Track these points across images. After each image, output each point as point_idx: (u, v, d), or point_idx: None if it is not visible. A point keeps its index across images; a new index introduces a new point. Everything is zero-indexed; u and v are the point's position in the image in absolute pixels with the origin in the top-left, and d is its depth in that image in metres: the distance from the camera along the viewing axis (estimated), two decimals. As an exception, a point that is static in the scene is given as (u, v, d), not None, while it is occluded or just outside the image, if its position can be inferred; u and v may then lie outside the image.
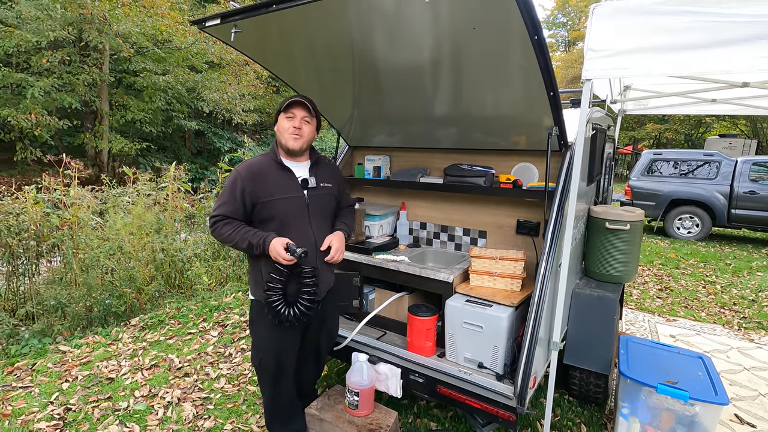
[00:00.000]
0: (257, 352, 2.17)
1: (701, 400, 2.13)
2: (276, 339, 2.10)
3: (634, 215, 2.79)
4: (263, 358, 2.15)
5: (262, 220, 2.03)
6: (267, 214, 2.01)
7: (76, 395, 2.82)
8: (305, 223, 2.06)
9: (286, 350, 2.14)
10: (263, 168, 2.04)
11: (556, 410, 2.76)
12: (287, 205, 2.02)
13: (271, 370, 2.15)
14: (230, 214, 1.99)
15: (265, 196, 1.99)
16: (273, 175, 2.03)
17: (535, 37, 1.67)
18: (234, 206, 1.98)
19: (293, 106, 2.03)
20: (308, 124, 2.07)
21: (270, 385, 2.20)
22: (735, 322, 4.40)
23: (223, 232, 1.98)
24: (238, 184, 1.98)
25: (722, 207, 8.16)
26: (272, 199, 2.00)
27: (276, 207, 2.00)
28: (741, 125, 21.63)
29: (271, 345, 2.11)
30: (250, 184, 1.98)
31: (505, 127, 2.57)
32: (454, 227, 3.04)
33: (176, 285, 4.79)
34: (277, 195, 2.00)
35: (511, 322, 2.20)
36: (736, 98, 3.60)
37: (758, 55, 1.52)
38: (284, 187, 2.03)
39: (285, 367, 2.17)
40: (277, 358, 2.13)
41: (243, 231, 1.97)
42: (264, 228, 2.02)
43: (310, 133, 2.09)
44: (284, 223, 2.01)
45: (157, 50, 11.42)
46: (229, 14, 2.03)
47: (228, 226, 1.98)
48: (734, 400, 2.95)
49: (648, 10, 1.70)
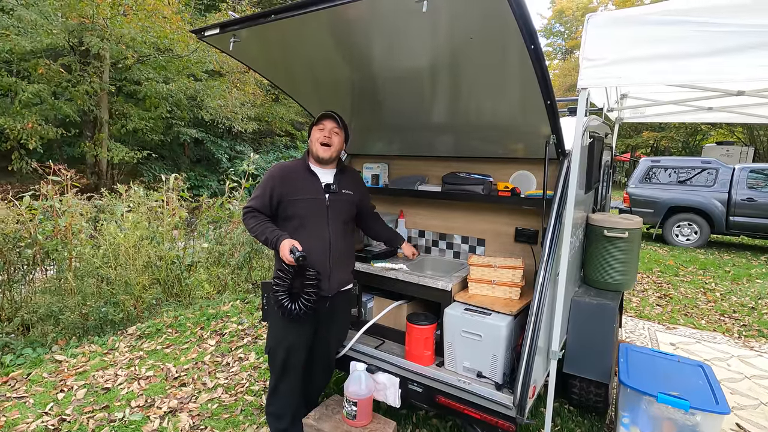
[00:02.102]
0: (269, 341, 2.32)
1: (702, 409, 2.11)
2: (287, 331, 2.22)
3: (632, 223, 2.79)
4: (272, 347, 2.29)
5: (286, 218, 2.21)
6: (290, 212, 2.19)
7: (71, 405, 2.79)
8: (323, 224, 2.21)
9: (295, 343, 2.24)
10: (293, 170, 2.27)
11: (556, 420, 2.73)
12: (308, 205, 2.20)
13: (279, 360, 2.26)
14: (258, 207, 2.20)
15: (290, 195, 2.19)
16: (300, 177, 2.24)
17: (531, 46, 1.68)
18: (263, 201, 2.19)
19: (323, 119, 2.26)
20: (337, 135, 2.27)
21: (277, 374, 2.30)
22: (735, 330, 4.38)
23: (249, 223, 2.20)
24: (269, 182, 2.21)
25: (720, 214, 8.17)
26: (296, 199, 2.19)
27: (298, 206, 2.19)
28: (738, 133, 21.73)
29: (283, 336, 2.24)
30: (279, 183, 2.20)
31: (502, 136, 2.58)
32: (452, 235, 3.03)
33: (174, 293, 4.77)
34: (300, 195, 2.20)
35: (510, 330, 2.18)
36: (732, 106, 3.62)
37: (752, 64, 1.53)
38: (308, 189, 2.22)
39: (293, 360, 2.27)
40: (286, 349, 2.24)
41: (264, 226, 2.15)
42: (285, 225, 2.21)
43: (338, 143, 2.28)
44: (303, 223, 2.19)
45: (158, 57, 11.49)
46: (228, 24, 2.04)
47: (254, 219, 2.19)
48: (735, 409, 2.93)
49: (642, 20, 1.72)
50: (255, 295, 4.89)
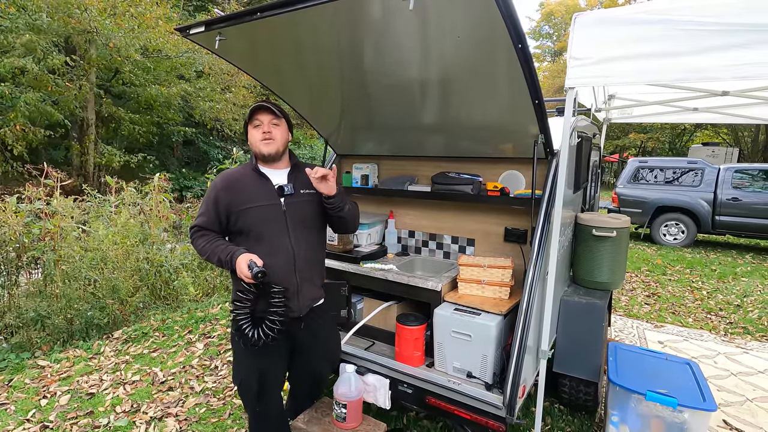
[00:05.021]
0: (237, 373, 2.06)
1: (690, 406, 2.13)
2: (256, 359, 1.96)
3: (620, 222, 2.81)
4: (243, 379, 2.02)
5: (239, 232, 1.93)
6: (242, 224, 1.91)
7: (54, 412, 2.72)
8: (283, 233, 1.92)
9: (267, 372, 2.01)
10: (239, 177, 1.98)
11: (546, 419, 2.73)
12: (262, 213, 1.91)
13: (253, 392, 2.02)
14: (206, 225, 1.93)
15: (239, 205, 1.90)
16: (248, 183, 1.95)
17: (519, 45, 1.68)
18: (209, 217, 1.92)
19: (257, 113, 1.95)
20: (277, 126, 1.96)
21: (252, 406, 2.08)
22: (721, 328, 4.44)
23: (197, 244, 1.93)
24: (213, 194, 1.93)
25: (706, 214, 8.30)
26: (246, 208, 1.90)
27: (250, 216, 1.90)
28: (723, 134, 22.13)
29: (251, 365, 1.98)
30: (225, 194, 1.92)
31: (491, 135, 2.58)
32: (442, 235, 3.03)
33: (161, 296, 4.70)
34: (250, 203, 1.90)
35: (500, 330, 2.18)
36: (716, 107, 3.68)
37: (735, 63, 1.54)
38: (259, 195, 1.92)
39: (268, 388, 2.04)
40: (258, 379, 1.99)
41: (215, 245, 1.88)
42: (240, 240, 1.93)
43: (281, 135, 1.97)
44: (260, 235, 1.90)
45: (144, 59, 11.34)
46: (214, 22, 2.01)
47: (203, 239, 1.92)
48: (722, 405, 2.96)
49: (628, 20, 1.73)
50: (244, 298, 4.84)
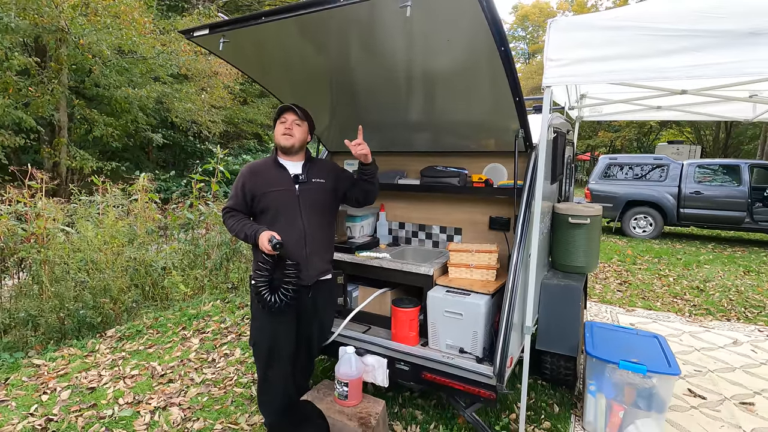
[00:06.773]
0: (253, 333, 2.38)
1: (657, 372, 2.37)
2: (269, 322, 2.26)
3: (593, 210, 3.05)
4: (257, 339, 2.34)
5: (261, 211, 2.29)
6: (263, 205, 2.26)
7: (56, 406, 2.77)
8: (296, 214, 2.27)
9: (278, 334, 2.29)
10: (262, 166, 2.35)
11: (531, 394, 2.95)
12: (279, 196, 2.26)
13: (264, 351, 2.31)
14: (235, 206, 2.30)
15: (261, 189, 2.26)
16: (269, 171, 2.32)
17: (501, 48, 1.87)
18: (237, 199, 2.30)
19: (284, 113, 2.31)
20: (299, 126, 2.31)
21: (263, 366, 2.35)
22: (686, 310, 4.79)
23: (228, 222, 2.30)
24: (240, 181, 2.30)
25: (672, 207, 8.80)
26: (267, 192, 2.25)
27: (270, 198, 2.25)
28: (686, 132, 23.26)
29: (265, 327, 2.28)
30: (250, 180, 2.29)
31: (476, 131, 2.78)
32: (431, 226, 3.21)
33: (151, 296, 4.72)
34: (270, 188, 2.26)
35: (488, 308, 2.38)
36: (677, 105, 3.99)
37: (689, 64, 1.78)
38: (277, 182, 2.28)
39: (277, 351, 2.30)
40: (270, 340, 2.29)
41: (242, 224, 2.25)
42: (261, 218, 2.29)
43: (301, 133, 2.32)
44: (277, 214, 2.25)
45: (119, 60, 11.12)
46: (218, 25, 2.13)
47: (233, 219, 2.29)
48: (687, 376, 3.25)
49: (597, 25, 1.95)
50: (235, 295, 4.91)
